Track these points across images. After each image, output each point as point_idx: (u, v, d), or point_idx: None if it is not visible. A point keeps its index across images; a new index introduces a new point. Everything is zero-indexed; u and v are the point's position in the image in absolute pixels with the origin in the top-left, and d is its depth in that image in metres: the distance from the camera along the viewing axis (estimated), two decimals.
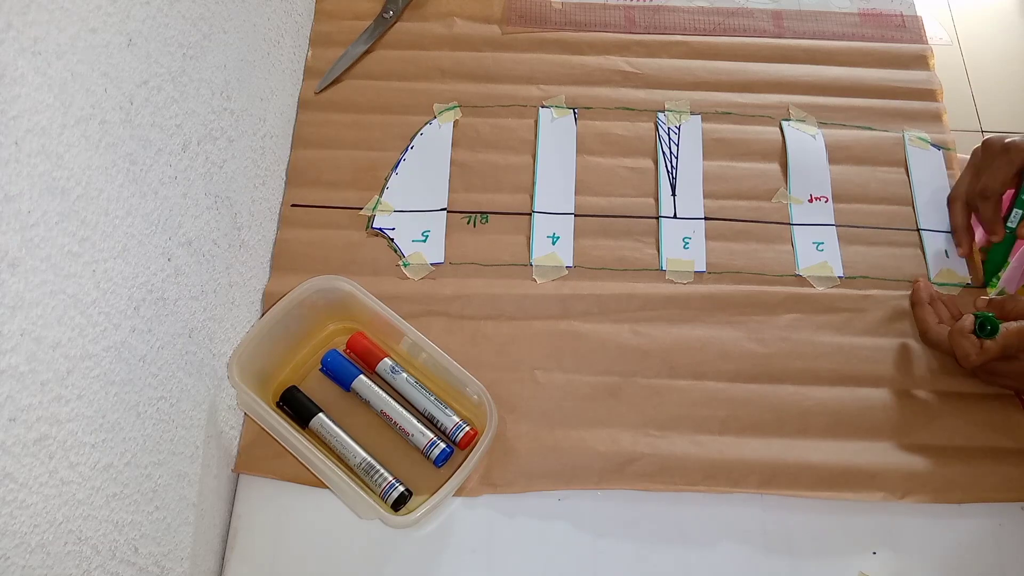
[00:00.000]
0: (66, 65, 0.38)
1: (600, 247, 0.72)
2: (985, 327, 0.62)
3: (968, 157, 0.74)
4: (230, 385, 0.60)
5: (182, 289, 0.53)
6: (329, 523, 0.61)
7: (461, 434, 0.61)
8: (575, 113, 0.79)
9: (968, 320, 0.63)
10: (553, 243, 0.72)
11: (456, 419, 0.62)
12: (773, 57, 0.83)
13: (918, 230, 0.74)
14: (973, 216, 0.73)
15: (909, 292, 0.71)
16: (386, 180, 0.75)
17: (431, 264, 0.70)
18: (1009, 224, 0.70)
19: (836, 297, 0.71)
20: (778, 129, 0.79)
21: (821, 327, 0.69)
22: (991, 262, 0.72)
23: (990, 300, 0.66)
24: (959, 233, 0.73)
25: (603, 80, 0.81)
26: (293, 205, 0.73)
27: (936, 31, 1.84)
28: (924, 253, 0.73)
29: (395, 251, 0.71)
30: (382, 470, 0.59)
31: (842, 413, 0.65)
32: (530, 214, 0.73)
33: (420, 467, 0.61)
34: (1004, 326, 0.62)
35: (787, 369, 0.67)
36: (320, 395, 0.63)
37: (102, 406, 0.43)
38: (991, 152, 0.70)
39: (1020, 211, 0.69)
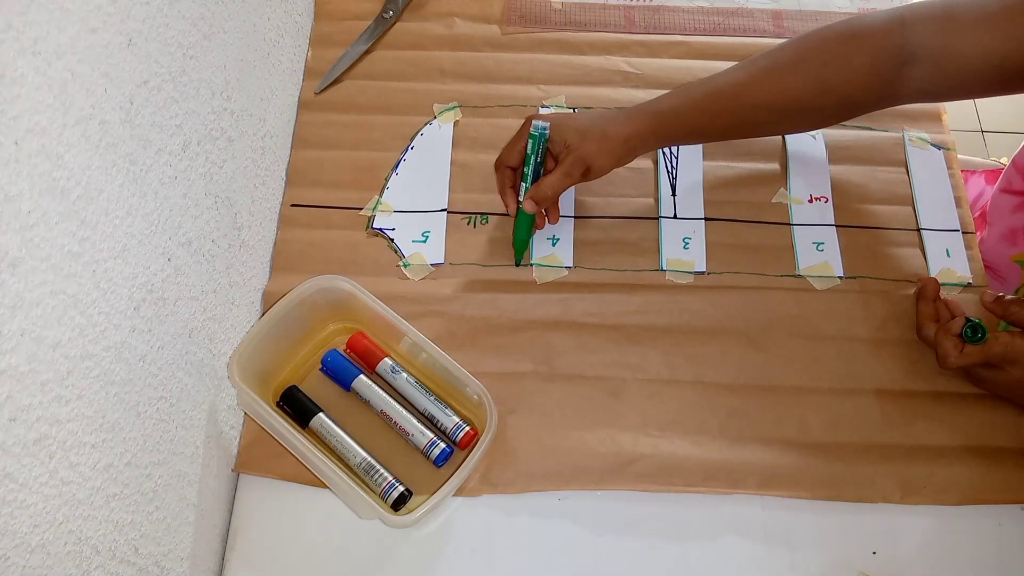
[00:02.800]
0: (66, 65, 0.38)
1: (600, 247, 0.72)
2: (975, 333, 0.62)
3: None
4: (230, 385, 0.60)
5: (182, 289, 0.53)
6: (329, 523, 0.61)
7: (461, 434, 0.61)
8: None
9: (957, 322, 0.63)
10: (553, 244, 0.72)
11: (456, 419, 0.61)
12: None
13: (918, 230, 0.74)
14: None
15: (910, 292, 0.71)
16: (386, 180, 0.75)
17: (431, 264, 0.70)
18: (521, 198, 0.67)
19: (836, 297, 0.70)
20: None
21: (821, 327, 0.69)
22: (516, 239, 0.69)
23: (996, 298, 0.65)
24: (502, 197, 0.70)
25: (603, 80, 0.81)
26: (293, 205, 0.73)
27: None
28: (924, 253, 0.73)
29: (395, 251, 0.71)
30: (382, 470, 0.59)
31: (842, 414, 0.65)
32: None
33: (420, 467, 0.61)
34: (993, 335, 0.61)
35: (787, 369, 0.67)
36: (320, 395, 0.63)
37: (102, 406, 0.43)
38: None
39: (525, 185, 0.66)
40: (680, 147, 0.77)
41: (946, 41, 0.59)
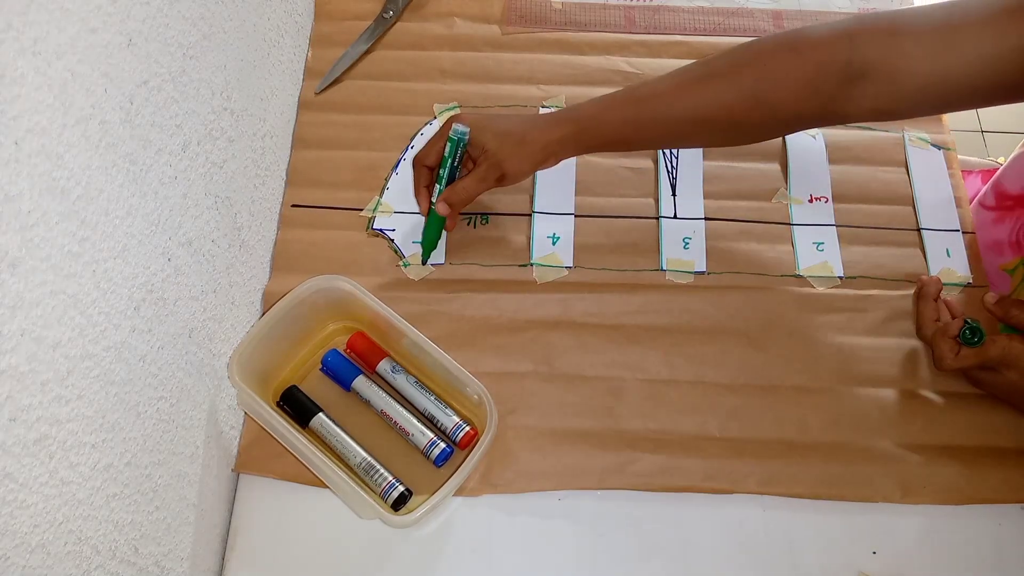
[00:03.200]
0: (66, 65, 0.38)
1: (600, 247, 0.72)
2: (973, 336, 0.61)
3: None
4: (230, 385, 0.60)
5: (182, 289, 0.53)
6: (329, 523, 0.61)
7: (461, 434, 0.61)
8: None
9: (955, 325, 0.63)
10: (553, 243, 0.72)
11: (456, 419, 0.62)
12: None
13: (918, 230, 0.74)
14: None
15: (909, 292, 0.71)
16: (386, 180, 0.75)
17: (431, 264, 0.70)
18: (434, 199, 0.67)
19: (836, 297, 0.71)
20: None
21: (821, 327, 0.69)
22: (425, 238, 0.69)
23: (999, 299, 0.65)
24: (415, 195, 0.70)
25: (603, 80, 0.81)
26: (293, 205, 0.73)
27: None
28: (924, 253, 0.73)
29: (395, 251, 0.71)
30: (382, 470, 0.59)
31: (842, 413, 0.65)
32: (530, 214, 0.73)
33: (420, 467, 0.61)
34: (991, 338, 0.61)
35: (787, 369, 0.67)
36: (320, 395, 0.63)
37: (102, 406, 0.43)
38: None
39: (439, 187, 0.66)
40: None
41: (898, 58, 0.55)
